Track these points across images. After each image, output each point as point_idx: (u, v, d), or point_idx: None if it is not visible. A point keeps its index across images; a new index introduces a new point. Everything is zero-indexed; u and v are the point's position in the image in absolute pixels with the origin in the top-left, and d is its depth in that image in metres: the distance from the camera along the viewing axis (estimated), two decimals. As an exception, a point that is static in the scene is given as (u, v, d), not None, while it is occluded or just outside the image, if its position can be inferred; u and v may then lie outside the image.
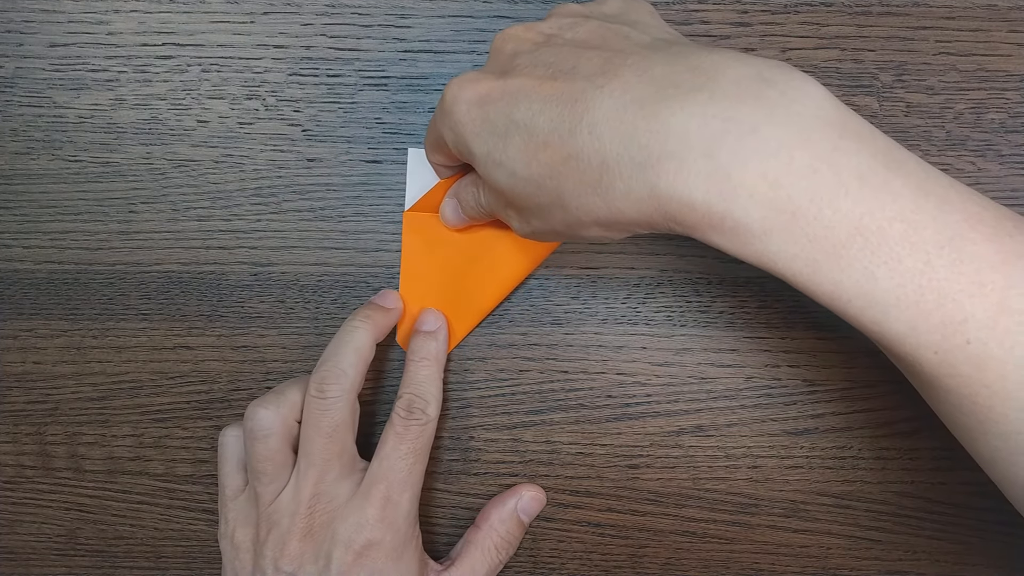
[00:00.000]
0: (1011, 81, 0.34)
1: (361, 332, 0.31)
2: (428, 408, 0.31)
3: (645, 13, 0.27)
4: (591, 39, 0.25)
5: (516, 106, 0.24)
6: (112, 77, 0.35)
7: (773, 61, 0.23)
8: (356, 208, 0.35)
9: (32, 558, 0.36)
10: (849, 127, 0.22)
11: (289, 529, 0.29)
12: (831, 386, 0.35)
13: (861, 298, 0.21)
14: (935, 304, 0.21)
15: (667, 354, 0.35)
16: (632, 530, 0.35)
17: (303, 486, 0.30)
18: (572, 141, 0.23)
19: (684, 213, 0.22)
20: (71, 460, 0.36)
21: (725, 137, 0.21)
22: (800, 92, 0.22)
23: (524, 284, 0.35)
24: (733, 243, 0.22)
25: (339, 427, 0.30)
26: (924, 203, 0.21)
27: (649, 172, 0.22)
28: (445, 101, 0.26)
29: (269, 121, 0.35)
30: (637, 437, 0.35)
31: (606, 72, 0.23)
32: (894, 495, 0.35)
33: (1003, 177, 0.34)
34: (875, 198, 0.21)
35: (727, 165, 0.21)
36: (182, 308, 0.35)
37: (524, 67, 0.25)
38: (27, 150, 0.35)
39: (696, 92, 0.22)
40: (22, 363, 0.35)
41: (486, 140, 0.25)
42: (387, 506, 0.30)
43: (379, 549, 0.30)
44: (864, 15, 0.34)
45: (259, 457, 0.30)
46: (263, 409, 0.30)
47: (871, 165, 0.21)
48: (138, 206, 0.35)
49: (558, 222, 0.25)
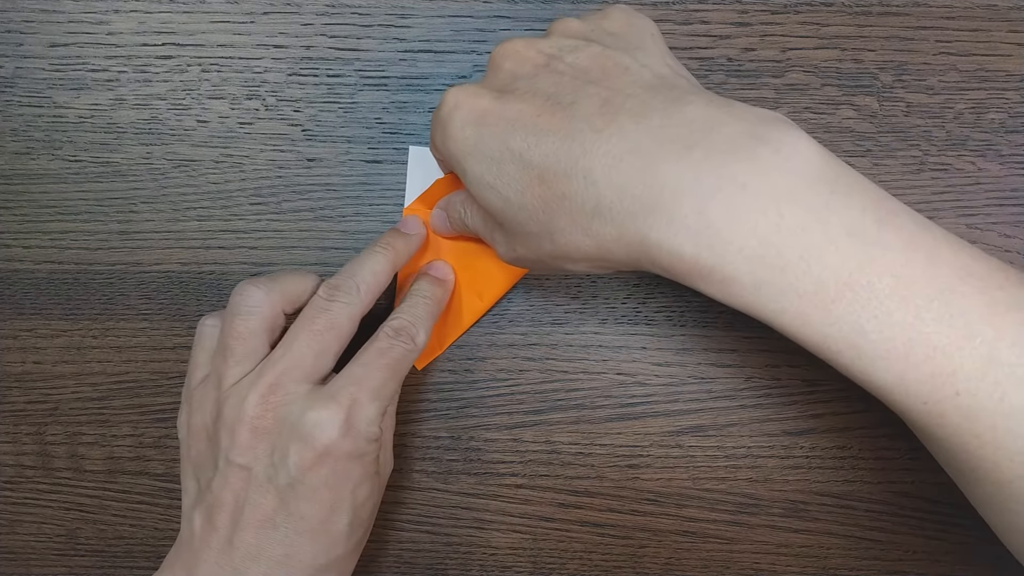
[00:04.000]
0: (1011, 81, 0.34)
1: (380, 257, 0.31)
2: (417, 337, 0.30)
3: (647, 35, 0.27)
4: (591, 68, 0.25)
5: (512, 134, 0.24)
6: (112, 77, 0.35)
7: (768, 114, 0.23)
8: (356, 208, 0.35)
9: (32, 558, 0.36)
10: (841, 182, 0.22)
11: (239, 417, 0.28)
12: (831, 386, 0.35)
13: (850, 350, 0.22)
14: (924, 356, 0.21)
15: (667, 354, 0.35)
16: (632, 530, 0.35)
17: (267, 372, 0.28)
18: (567, 182, 0.23)
19: (673, 263, 0.22)
20: (71, 460, 0.36)
21: (717, 194, 0.21)
22: (793, 149, 0.22)
23: (524, 284, 0.35)
24: (722, 293, 0.22)
25: (331, 331, 0.29)
26: (914, 257, 0.21)
27: (640, 222, 0.22)
28: (441, 113, 0.26)
29: (269, 121, 0.35)
30: (637, 437, 0.35)
31: (604, 114, 0.23)
32: (894, 495, 0.35)
33: (1003, 177, 0.34)
34: (864, 253, 0.21)
35: (717, 221, 0.21)
36: (182, 308, 0.35)
37: (523, 92, 0.25)
38: (27, 150, 0.35)
39: (690, 149, 0.22)
40: (22, 363, 0.35)
41: (479, 161, 0.25)
42: (354, 408, 0.28)
43: (339, 451, 0.28)
44: (864, 15, 0.34)
45: (234, 333, 0.29)
46: (254, 287, 0.29)
47: (861, 220, 0.22)
48: (138, 206, 0.35)
49: (545, 253, 0.26)
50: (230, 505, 0.28)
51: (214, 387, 0.29)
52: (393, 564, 0.35)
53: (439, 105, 0.26)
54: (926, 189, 0.34)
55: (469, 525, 0.35)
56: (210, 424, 0.29)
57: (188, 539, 0.29)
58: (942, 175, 0.34)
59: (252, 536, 0.28)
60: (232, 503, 0.28)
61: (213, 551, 0.28)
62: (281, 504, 0.28)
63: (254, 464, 0.28)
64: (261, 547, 0.28)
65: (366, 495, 0.30)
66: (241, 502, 0.28)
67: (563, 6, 0.34)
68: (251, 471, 0.28)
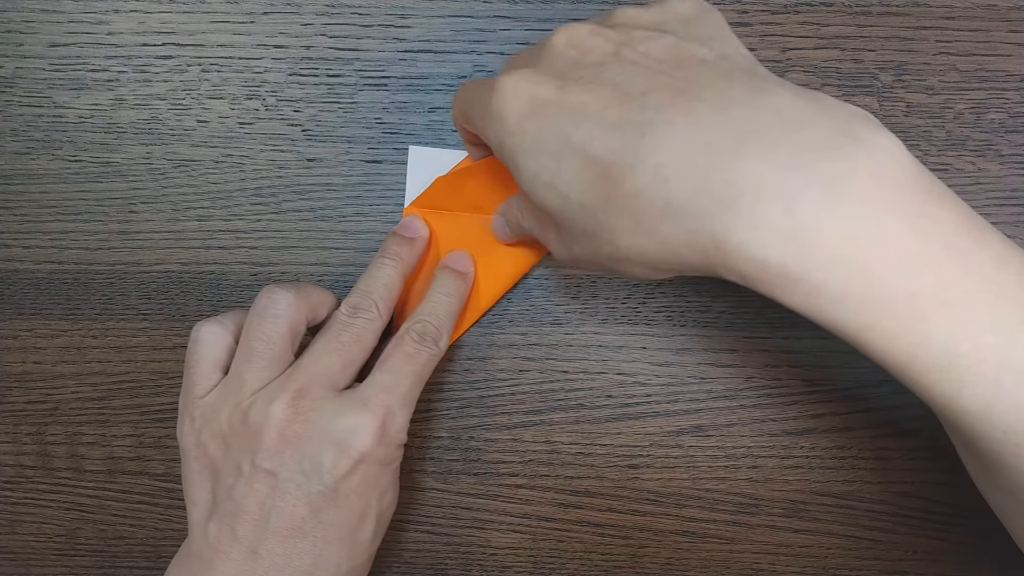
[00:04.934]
0: (1011, 81, 0.34)
1: (390, 270, 0.31)
2: (440, 340, 0.30)
3: (719, 25, 0.25)
4: (665, 59, 0.23)
5: (576, 126, 0.22)
6: (112, 77, 0.35)
7: (857, 112, 0.21)
8: (356, 208, 0.35)
9: (32, 558, 0.36)
10: (934, 193, 0.20)
11: (267, 420, 0.27)
12: (831, 386, 0.35)
13: (937, 372, 0.20)
14: (1014, 383, 0.20)
15: (667, 354, 0.35)
16: (632, 530, 0.35)
17: (296, 377, 0.28)
18: (633, 178, 0.21)
19: (755, 270, 0.20)
20: (71, 460, 0.36)
21: (807, 195, 0.19)
22: (886, 152, 0.20)
23: (524, 284, 0.35)
24: (804, 305, 0.20)
25: (357, 344, 0.29)
26: (1005, 276, 0.20)
27: (717, 223, 0.20)
28: (495, 102, 0.24)
29: (269, 121, 0.35)
30: (637, 437, 0.35)
31: (678, 104, 0.21)
32: (894, 495, 0.35)
33: (1003, 177, 0.34)
34: (959, 269, 0.20)
35: (808, 225, 0.19)
36: (182, 308, 0.35)
37: (588, 81, 0.23)
38: (27, 150, 0.35)
39: (777, 144, 0.20)
40: (22, 363, 0.35)
41: (536, 158, 0.23)
42: (388, 417, 0.28)
43: (372, 458, 0.28)
44: (864, 15, 0.34)
45: (262, 336, 0.28)
46: (284, 291, 0.29)
47: (956, 234, 0.20)
48: (138, 206, 0.35)
49: (603, 255, 0.24)
50: (254, 513, 0.27)
51: (234, 392, 0.28)
52: (393, 564, 0.35)
53: (493, 89, 0.24)
54: (926, 189, 0.34)
55: (469, 525, 0.35)
56: (228, 430, 0.28)
57: (200, 550, 0.28)
58: (942, 175, 0.34)
59: (279, 545, 0.27)
60: (256, 511, 0.27)
61: (233, 562, 0.27)
62: (312, 512, 0.27)
63: (280, 470, 0.27)
64: (289, 557, 0.27)
65: (389, 501, 0.30)
66: (267, 510, 0.27)
67: (563, 6, 0.34)
68: (277, 477, 0.27)
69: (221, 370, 0.29)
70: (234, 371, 0.29)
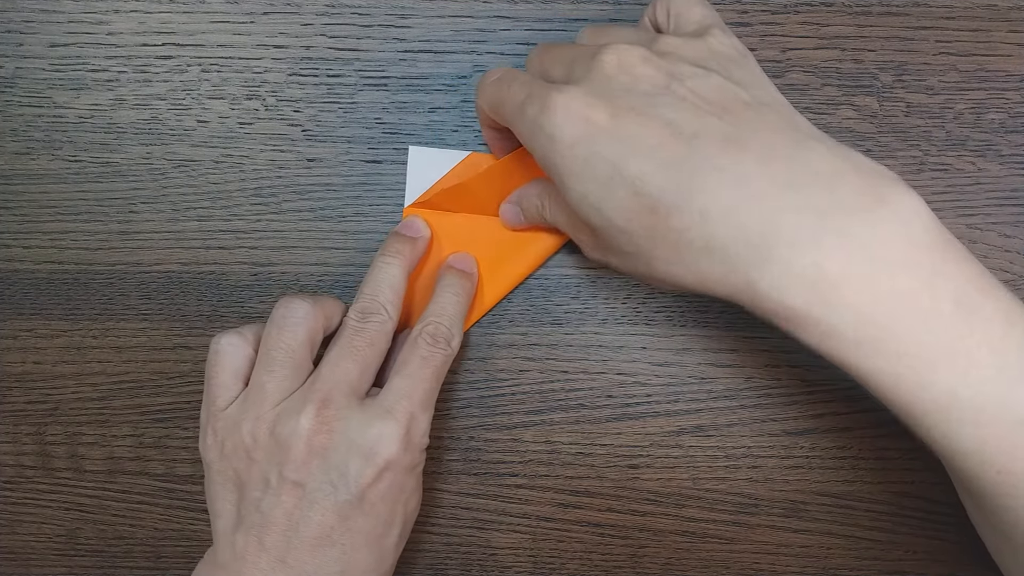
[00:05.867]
0: (1011, 81, 0.34)
1: (394, 269, 0.31)
2: (452, 341, 0.31)
3: (756, 70, 0.26)
4: (712, 99, 0.24)
5: (628, 159, 0.23)
6: (112, 77, 0.35)
7: (886, 172, 0.23)
8: (356, 208, 0.35)
9: (32, 558, 0.36)
10: (950, 251, 0.22)
11: (295, 432, 0.27)
12: (831, 386, 0.35)
13: (938, 413, 0.22)
14: (1009, 427, 0.22)
15: (667, 354, 0.35)
16: (632, 530, 0.35)
17: (318, 387, 0.28)
18: (679, 217, 0.23)
19: (779, 311, 0.23)
20: (71, 460, 0.36)
21: (836, 252, 0.22)
22: (911, 212, 0.22)
23: (524, 284, 0.35)
24: (821, 344, 0.23)
25: (372, 347, 0.29)
26: (1011, 331, 0.22)
27: (752, 268, 0.22)
28: (546, 121, 0.24)
29: (269, 121, 0.35)
30: (637, 437, 0.35)
31: (728, 152, 0.23)
32: (894, 495, 0.35)
33: (1003, 177, 0.34)
34: (967, 323, 0.22)
35: (833, 277, 0.22)
36: (182, 308, 0.35)
37: (640, 112, 0.24)
38: (27, 150, 0.35)
39: (812, 201, 0.22)
40: (22, 363, 0.35)
41: (584, 182, 0.24)
42: (412, 423, 0.29)
43: (399, 465, 0.28)
44: (864, 15, 0.34)
45: (282, 346, 0.28)
46: (301, 300, 0.29)
47: (967, 290, 0.22)
48: (138, 206, 0.35)
49: (638, 273, 0.26)
50: (282, 524, 0.27)
51: (255, 403, 0.28)
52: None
53: (545, 107, 0.24)
54: (926, 189, 0.34)
55: (469, 525, 0.35)
56: (252, 443, 0.28)
57: (228, 562, 0.28)
58: (942, 175, 0.34)
59: (308, 554, 0.27)
60: (284, 522, 0.27)
61: (261, 571, 0.27)
62: (340, 520, 0.28)
63: (308, 480, 0.27)
64: (318, 565, 0.27)
65: (414, 506, 0.30)
66: (295, 520, 0.27)
67: (563, 6, 0.34)
68: (305, 488, 0.27)
69: (242, 381, 0.30)
70: (255, 381, 0.29)
